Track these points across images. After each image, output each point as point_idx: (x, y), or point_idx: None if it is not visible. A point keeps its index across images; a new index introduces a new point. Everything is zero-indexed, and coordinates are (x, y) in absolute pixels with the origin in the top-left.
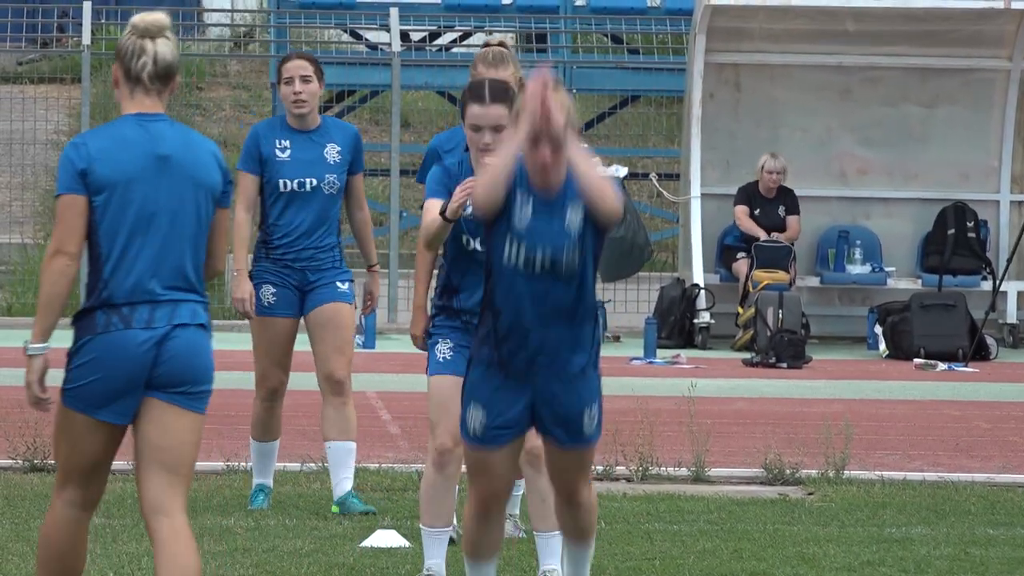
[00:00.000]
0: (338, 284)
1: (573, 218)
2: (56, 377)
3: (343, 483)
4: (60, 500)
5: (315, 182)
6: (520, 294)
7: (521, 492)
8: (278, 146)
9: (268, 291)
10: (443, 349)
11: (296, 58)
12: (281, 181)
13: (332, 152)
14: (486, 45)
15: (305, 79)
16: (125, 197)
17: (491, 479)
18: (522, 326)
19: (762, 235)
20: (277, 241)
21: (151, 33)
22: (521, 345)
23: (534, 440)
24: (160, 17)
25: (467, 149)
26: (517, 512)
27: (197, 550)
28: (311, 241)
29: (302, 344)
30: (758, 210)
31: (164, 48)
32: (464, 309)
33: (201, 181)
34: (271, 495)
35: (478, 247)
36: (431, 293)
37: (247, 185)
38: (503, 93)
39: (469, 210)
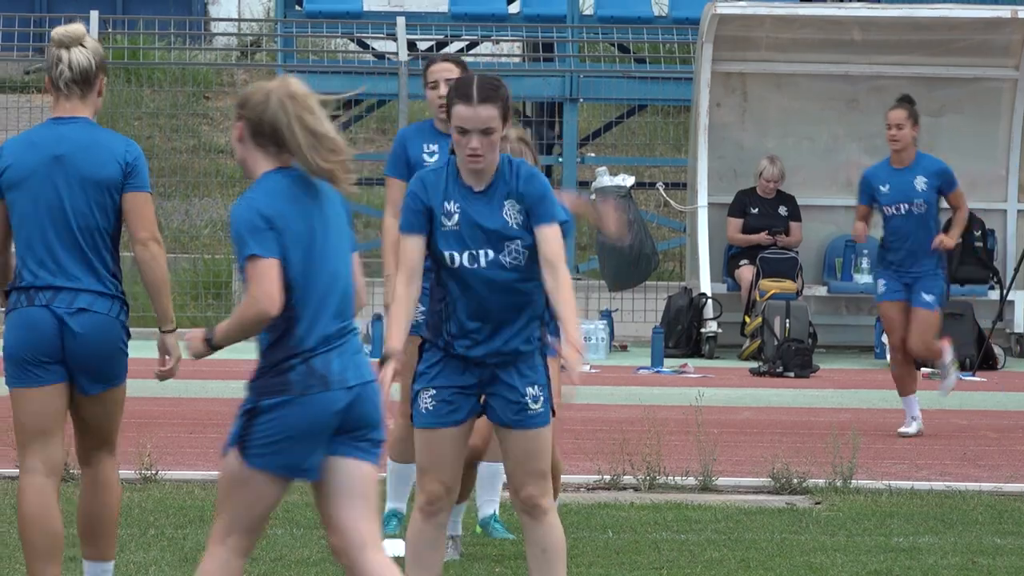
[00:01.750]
0: None
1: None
2: None
3: (486, 506)
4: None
5: None
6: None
7: (462, 513)
8: (426, 150)
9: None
10: (426, 399)
11: (442, 60)
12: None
13: None
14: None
15: (450, 83)
16: (28, 194)
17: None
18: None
19: (760, 239)
20: None
21: (66, 43)
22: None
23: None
24: (76, 28)
25: (452, 151)
26: (459, 533)
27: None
28: None
29: None
30: (756, 210)
31: (78, 55)
32: (456, 345)
33: (89, 177)
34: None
35: (465, 263)
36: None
37: (395, 190)
38: (493, 92)
39: (451, 220)
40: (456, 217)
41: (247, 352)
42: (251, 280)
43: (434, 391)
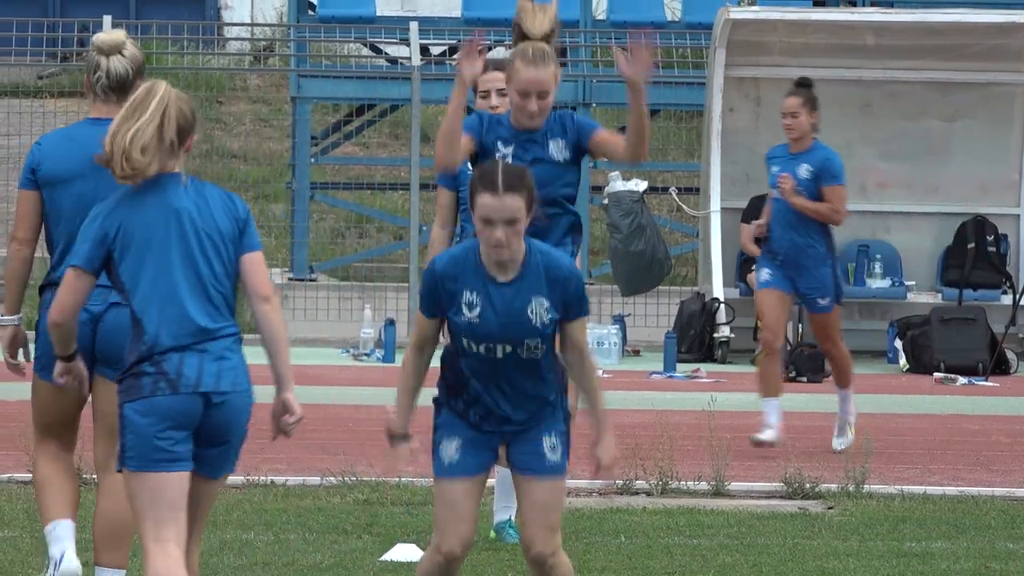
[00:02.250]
0: None
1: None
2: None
3: (502, 511)
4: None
5: None
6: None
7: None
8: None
9: None
10: (450, 450)
11: (494, 69)
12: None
13: None
14: (523, 39)
15: (501, 92)
16: (68, 190)
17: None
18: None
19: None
20: None
21: (105, 50)
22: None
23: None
24: (117, 36)
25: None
26: None
27: None
28: None
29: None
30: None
31: (116, 64)
32: (471, 413)
33: None
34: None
35: (482, 351)
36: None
37: (444, 198)
38: (518, 181)
39: (472, 312)
40: (478, 310)
41: (259, 357)
42: None
43: (458, 440)
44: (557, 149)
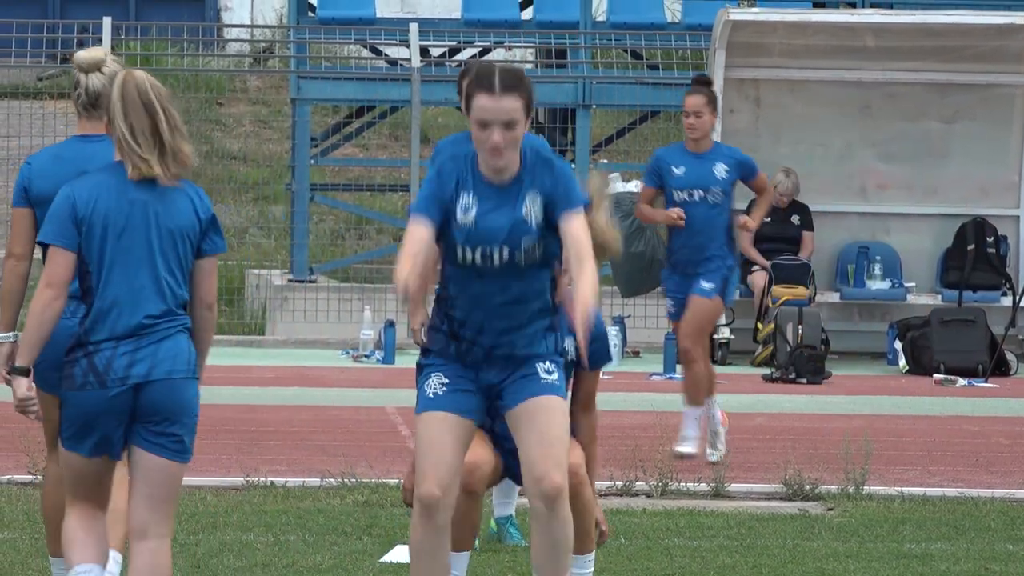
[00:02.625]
0: None
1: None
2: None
3: (503, 506)
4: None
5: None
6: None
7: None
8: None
9: None
10: (434, 384)
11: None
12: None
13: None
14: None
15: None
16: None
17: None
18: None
19: (763, 262)
20: None
21: (84, 68)
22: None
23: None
24: (95, 53)
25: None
26: None
27: None
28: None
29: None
30: (768, 219)
31: (94, 80)
32: (462, 334)
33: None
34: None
35: (478, 259)
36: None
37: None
38: (517, 81)
39: (468, 214)
40: (474, 211)
41: (262, 359)
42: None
43: (445, 377)
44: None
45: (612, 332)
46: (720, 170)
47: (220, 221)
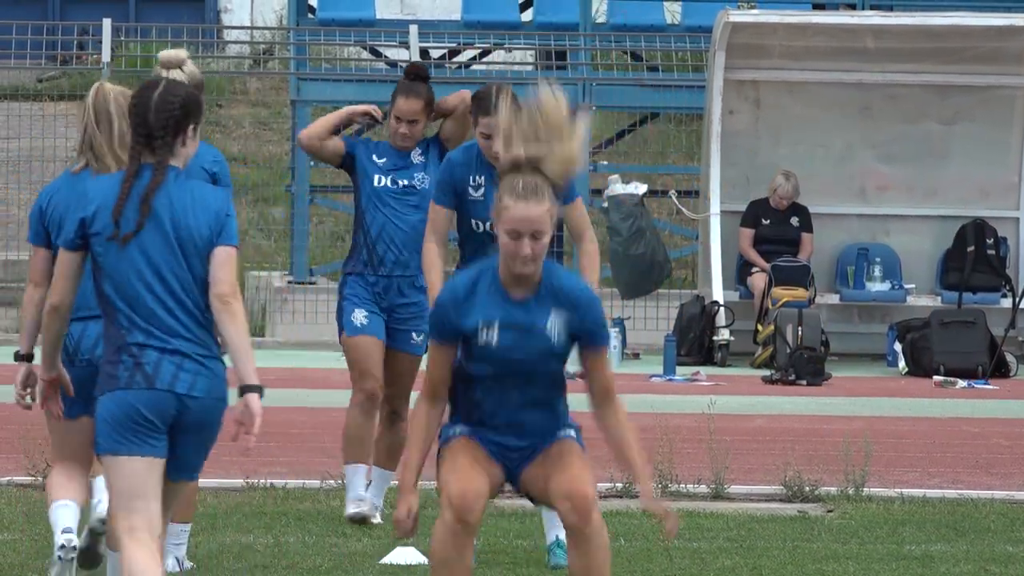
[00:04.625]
0: None
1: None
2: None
3: (555, 529)
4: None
5: None
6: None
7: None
8: (472, 183)
9: None
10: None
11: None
12: None
13: None
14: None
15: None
16: None
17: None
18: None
19: (762, 264)
20: None
21: (167, 65)
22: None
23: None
24: (177, 53)
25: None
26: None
27: None
28: None
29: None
30: (768, 221)
31: (175, 77)
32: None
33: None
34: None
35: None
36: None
37: (437, 214)
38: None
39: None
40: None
41: (263, 361)
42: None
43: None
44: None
45: (612, 334)
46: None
47: None
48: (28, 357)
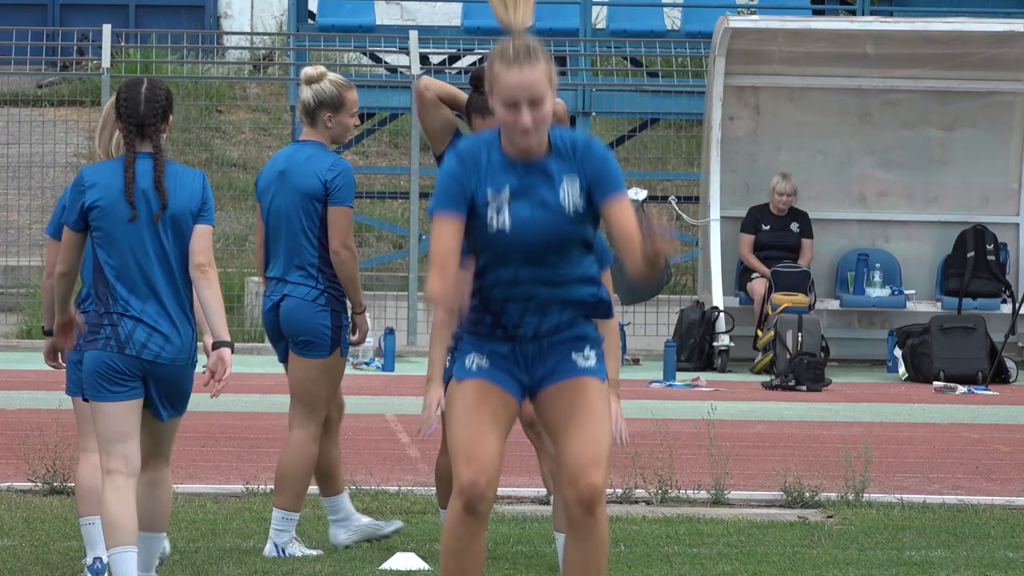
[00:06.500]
0: None
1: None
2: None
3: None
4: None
5: None
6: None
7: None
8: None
9: None
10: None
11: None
12: None
13: None
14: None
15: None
16: (264, 201)
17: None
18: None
19: (763, 269)
20: None
21: (305, 80)
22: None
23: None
24: (314, 70)
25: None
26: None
27: None
28: None
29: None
30: (768, 226)
31: (305, 93)
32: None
33: (299, 187)
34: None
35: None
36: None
37: None
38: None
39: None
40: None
41: (261, 367)
42: None
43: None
44: (568, 191)
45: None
46: None
47: (220, 228)
48: (51, 332)
